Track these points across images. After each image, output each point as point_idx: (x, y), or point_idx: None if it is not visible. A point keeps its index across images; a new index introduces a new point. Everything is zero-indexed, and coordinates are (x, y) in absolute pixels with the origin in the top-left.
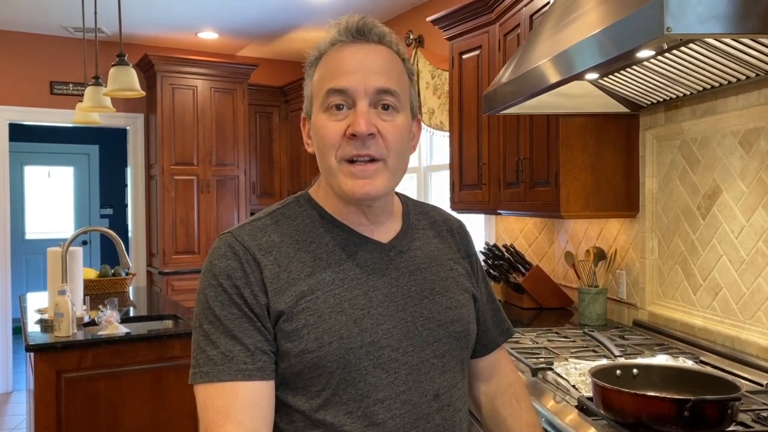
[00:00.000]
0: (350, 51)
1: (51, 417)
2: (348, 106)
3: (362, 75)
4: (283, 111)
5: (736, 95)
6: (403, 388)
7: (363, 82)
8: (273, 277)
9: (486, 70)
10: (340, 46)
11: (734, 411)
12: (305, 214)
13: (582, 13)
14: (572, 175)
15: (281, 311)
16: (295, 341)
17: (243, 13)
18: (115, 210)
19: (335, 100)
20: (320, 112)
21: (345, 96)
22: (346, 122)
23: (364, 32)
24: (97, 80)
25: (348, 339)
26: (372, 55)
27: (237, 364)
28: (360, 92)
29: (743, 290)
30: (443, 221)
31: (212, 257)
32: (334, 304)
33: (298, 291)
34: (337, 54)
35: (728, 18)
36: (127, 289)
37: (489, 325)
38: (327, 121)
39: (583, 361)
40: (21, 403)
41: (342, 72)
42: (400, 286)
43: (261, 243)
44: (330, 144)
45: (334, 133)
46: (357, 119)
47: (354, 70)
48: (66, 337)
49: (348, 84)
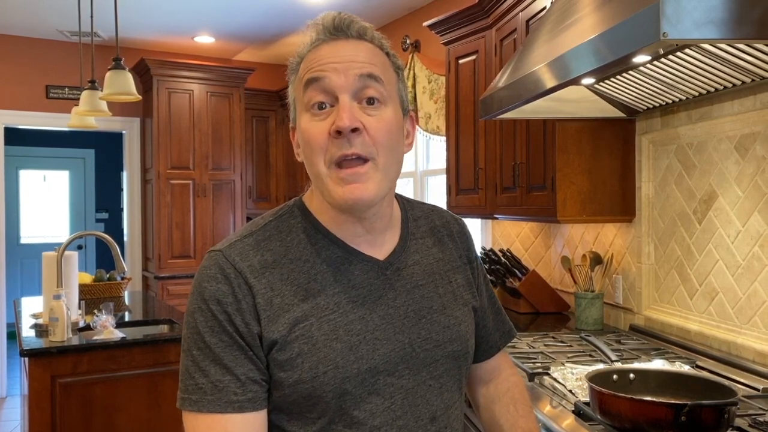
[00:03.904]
0: (328, 47)
1: (46, 422)
2: (330, 104)
3: (342, 65)
4: (280, 115)
5: (732, 100)
6: (399, 413)
7: (343, 70)
8: (266, 303)
9: (482, 74)
10: (317, 46)
11: (731, 416)
12: (299, 228)
13: (578, 18)
14: (568, 179)
15: (274, 340)
16: (289, 371)
17: (239, 17)
18: (110, 214)
19: (315, 95)
20: (303, 114)
21: (324, 88)
22: (329, 120)
23: (341, 28)
24: (93, 84)
25: (344, 368)
26: (352, 48)
27: (227, 395)
28: (340, 82)
29: (739, 295)
30: (443, 225)
31: (202, 278)
32: (328, 331)
33: (291, 318)
34: (314, 52)
35: (724, 24)
36: (123, 293)
37: (490, 329)
38: (310, 121)
39: (579, 366)
40: (15, 409)
41: (319, 64)
42: (397, 307)
43: (253, 264)
44: (316, 146)
45: (319, 133)
46: (339, 114)
47: (333, 60)
48: (61, 342)
49: (326, 74)
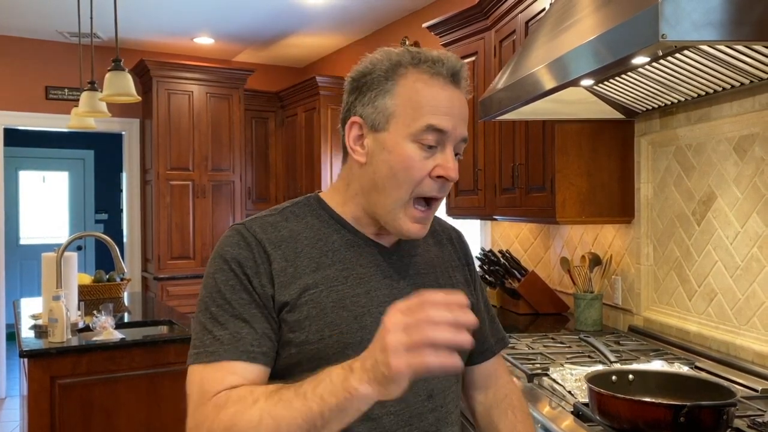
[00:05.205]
0: (449, 94)
1: (45, 423)
2: (438, 146)
3: (456, 121)
4: (279, 116)
5: (731, 102)
6: None
7: (457, 129)
8: (281, 270)
9: (482, 76)
10: (437, 81)
11: (729, 417)
12: (314, 214)
13: (577, 19)
14: (568, 180)
15: (285, 302)
16: (297, 332)
17: (239, 18)
18: (110, 215)
19: (431, 138)
20: (409, 141)
21: (441, 136)
22: (432, 161)
23: (458, 79)
24: (93, 85)
25: (348, 334)
26: (460, 102)
27: (244, 345)
28: (452, 138)
29: (738, 296)
30: (443, 230)
31: (224, 244)
32: (336, 300)
33: (302, 284)
34: (434, 89)
35: (723, 25)
36: (122, 294)
37: (486, 332)
38: (417, 153)
39: (578, 367)
40: (14, 410)
41: (444, 112)
42: (401, 288)
43: (271, 237)
44: (414, 178)
45: (422, 169)
46: (450, 164)
47: (452, 114)
48: (60, 343)
49: (448, 127)
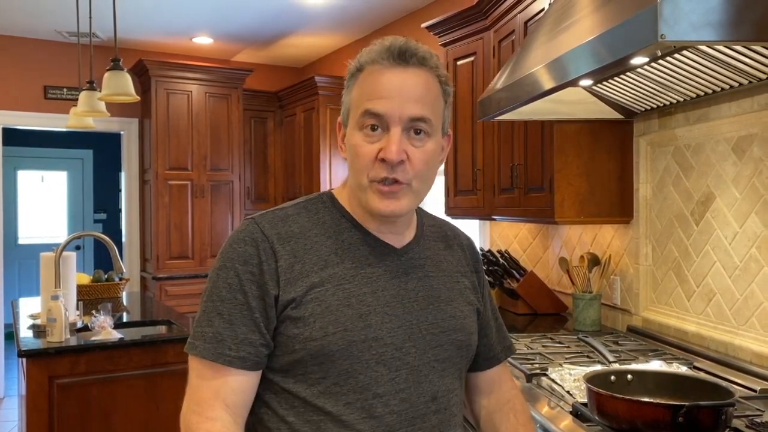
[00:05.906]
0: (390, 75)
1: (43, 423)
2: (382, 129)
3: (399, 101)
4: (278, 116)
5: (730, 102)
6: (402, 386)
7: (399, 109)
8: (287, 267)
9: (481, 76)
10: (380, 67)
11: (728, 417)
12: (326, 212)
13: (576, 19)
14: (566, 181)
15: (291, 299)
16: (301, 328)
17: (238, 18)
18: (108, 215)
19: (370, 121)
20: (355, 129)
21: (380, 119)
22: (378, 145)
23: (405, 56)
24: (92, 85)
25: (352, 332)
26: (411, 80)
27: (222, 348)
28: (395, 118)
29: (736, 296)
30: (454, 236)
31: (233, 240)
32: (342, 298)
33: (309, 282)
34: (376, 75)
35: (721, 25)
36: (121, 294)
37: (492, 340)
38: (361, 140)
39: (577, 367)
40: (13, 409)
41: (379, 95)
42: (408, 290)
43: (281, 232)
44: (362, 164)
45: (367, 154)
46: (389, 146)
47: (391, 95)
48: (59, 343)
49: (384, 109)
